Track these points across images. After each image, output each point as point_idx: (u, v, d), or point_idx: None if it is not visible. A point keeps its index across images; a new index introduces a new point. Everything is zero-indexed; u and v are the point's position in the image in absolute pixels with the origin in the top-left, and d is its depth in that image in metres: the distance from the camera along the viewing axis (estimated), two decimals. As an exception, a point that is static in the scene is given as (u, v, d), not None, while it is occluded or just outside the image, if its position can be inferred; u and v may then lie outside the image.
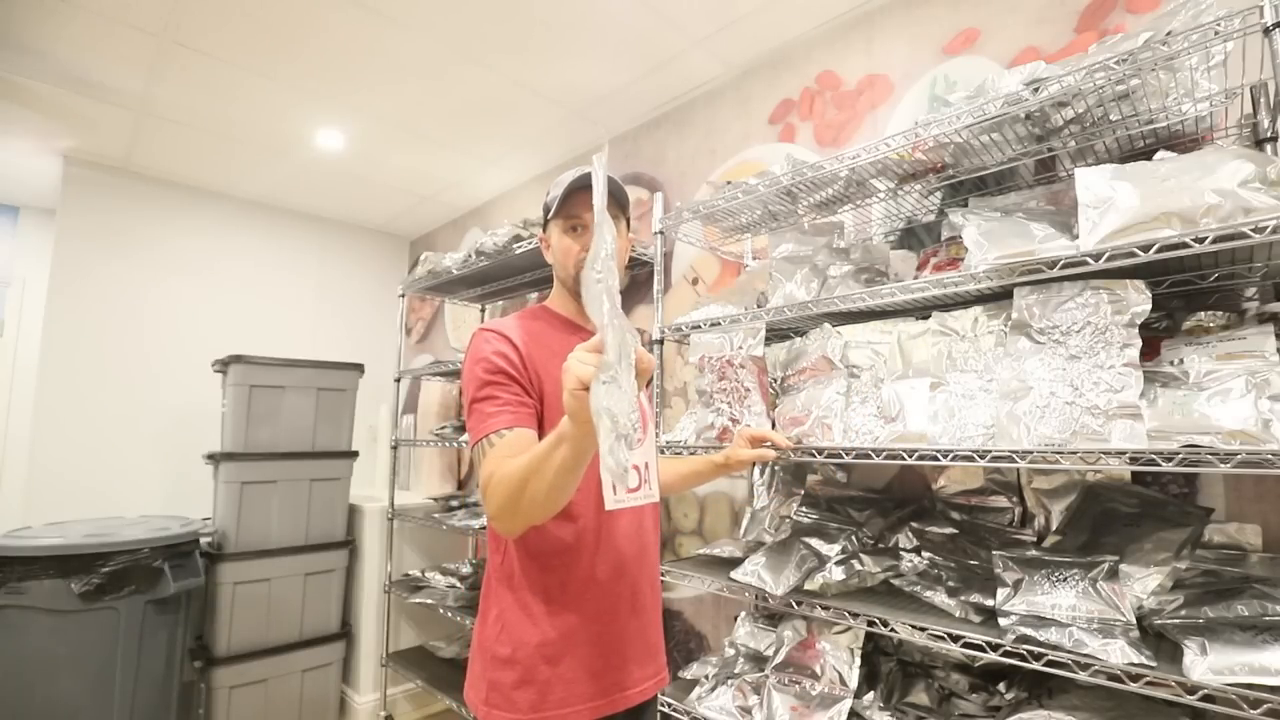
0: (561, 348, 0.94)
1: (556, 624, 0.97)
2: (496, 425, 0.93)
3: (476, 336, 1.04)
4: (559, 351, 0.93)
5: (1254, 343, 0.90)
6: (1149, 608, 0.96)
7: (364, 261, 3.68)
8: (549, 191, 1.11)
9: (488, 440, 0.92)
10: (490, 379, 0.97)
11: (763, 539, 1.51)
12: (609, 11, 1.79)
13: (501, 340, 1.01)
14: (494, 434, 0.92)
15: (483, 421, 0.94)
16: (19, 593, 1.76)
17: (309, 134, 2.53)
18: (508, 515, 0.85)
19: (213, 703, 2.24)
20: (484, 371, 0.97)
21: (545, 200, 1.13)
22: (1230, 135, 1.13)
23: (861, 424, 1.20)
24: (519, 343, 1.01)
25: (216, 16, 1.81)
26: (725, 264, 2.08)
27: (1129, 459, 0.87)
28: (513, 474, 0.82)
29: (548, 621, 0.97)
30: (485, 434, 0.92)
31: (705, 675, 1.48)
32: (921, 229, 1.55)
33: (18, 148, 2.65)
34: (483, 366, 0.98)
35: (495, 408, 0.95)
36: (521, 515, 0.84)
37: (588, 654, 0.98)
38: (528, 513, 0.84)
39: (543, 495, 0.80)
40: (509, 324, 1.06)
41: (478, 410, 0.96)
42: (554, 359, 0.97)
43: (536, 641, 0.97)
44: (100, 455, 2.70)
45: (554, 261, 1.13)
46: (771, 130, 1.99)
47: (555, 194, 1.08)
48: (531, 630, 0.97)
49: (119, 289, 2.81)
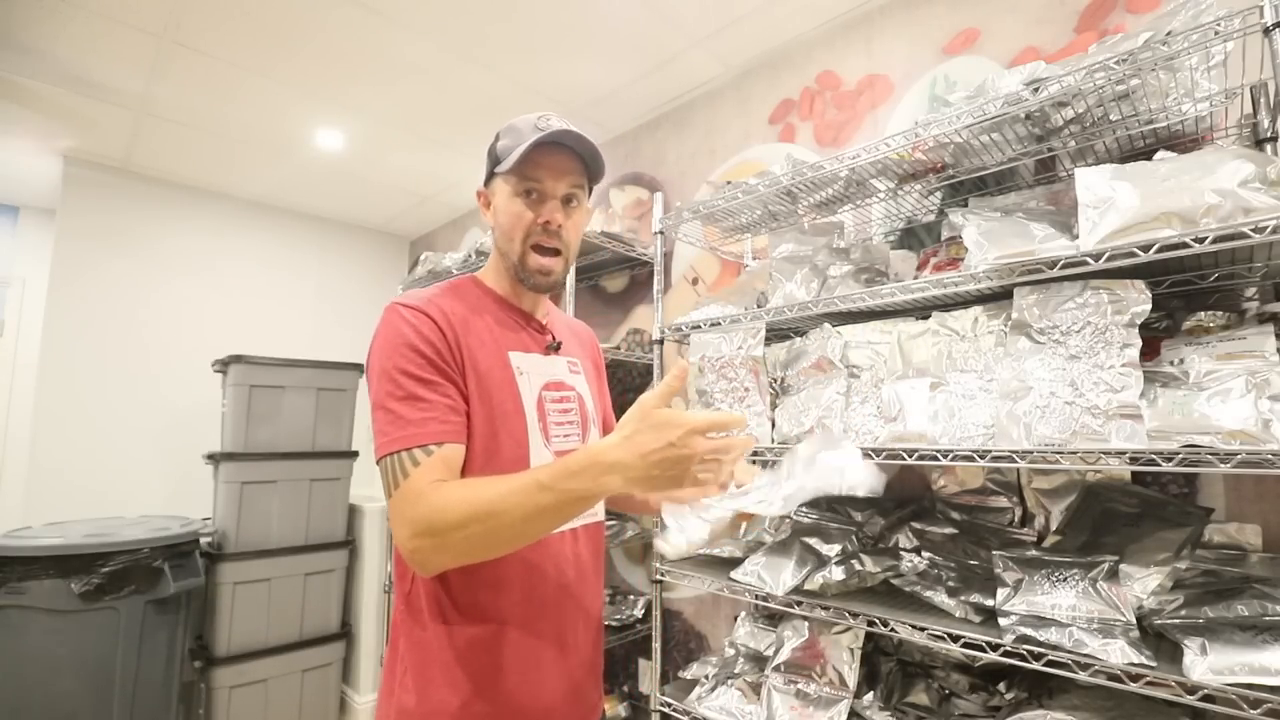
0: (492, 334, 0.87)
1: (471, 671, 0.81)
2: (424, 437, 0.75)
3: (390, 314, 0.83)
4: (488, 340, 0.86)
5: (1254, 343, 0.90)
6: (1149, 608, 0.95)
7: (364, 261, 3.68)
8: (498, 137, 0.91)
9: (410, 454, 0.74)
10: (413, 372, 0.78)
11: (763, 539, 1.51)
12: (609, 11, 1.79)
13: (424, 320, 0.81)
14: (419, 448, 0.75)
15: (402, 428, 0.75)
16: (19, 593, 1.76)
17: (309, 134, 2.53)
18: (446, 552, 0.71)
19: (213, 703, 2.24)
20: (405, 361, 0.78)
21: (493, 146, 0.91)
22: (1230, 135, 1.13)
23: (861, 424, 1.20)
24: (445, 325, 0.82)
25: (216, 16, 1.81)
26: (725, 264, 2.08)
27: (1129, 459, 0.87)
28: (475, 506, 0.69)
29: (460, 670, 0.81)
30: (408, 445, 0.75)
31: (705, 675, 1.48)
32: (921, 229, 1.55)
33: (18, 148, 2.65)
34: (402, 356, 0.78)
35: (420, 412, 0.76)
36: (465, 556, 0.73)
37: (505, 704, 0.83)
38: (476, 554, 0.73)
39: (508, 541, 0.71)
40: (432, 299, 0.85)
41: (394, 412, 0.77)
42: (483, 347, 0.85)
43: (448, 698, 0.80)
44: (100, 455, 2.70)
45: (495, 225, 0.92)
46: (771, 130, 1.99)
47: (509, 144, 0.87)
48: (441, 680, 0.81)
49: (119, 289, 2.81)
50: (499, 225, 0.91)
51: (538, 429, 0.88)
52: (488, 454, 0.82)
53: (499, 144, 0.90)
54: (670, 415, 0.65)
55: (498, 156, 0.90)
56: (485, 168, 0.94)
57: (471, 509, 0.69)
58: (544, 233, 0.89)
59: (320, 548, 2.54)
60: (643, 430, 0.65)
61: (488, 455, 0.82)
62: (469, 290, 0.92)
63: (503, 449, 0.84)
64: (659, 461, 0.64)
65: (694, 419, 0.64)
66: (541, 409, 0.89)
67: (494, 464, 0.82)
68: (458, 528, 0.69)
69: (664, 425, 0.64)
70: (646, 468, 0.64)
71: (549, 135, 0.84)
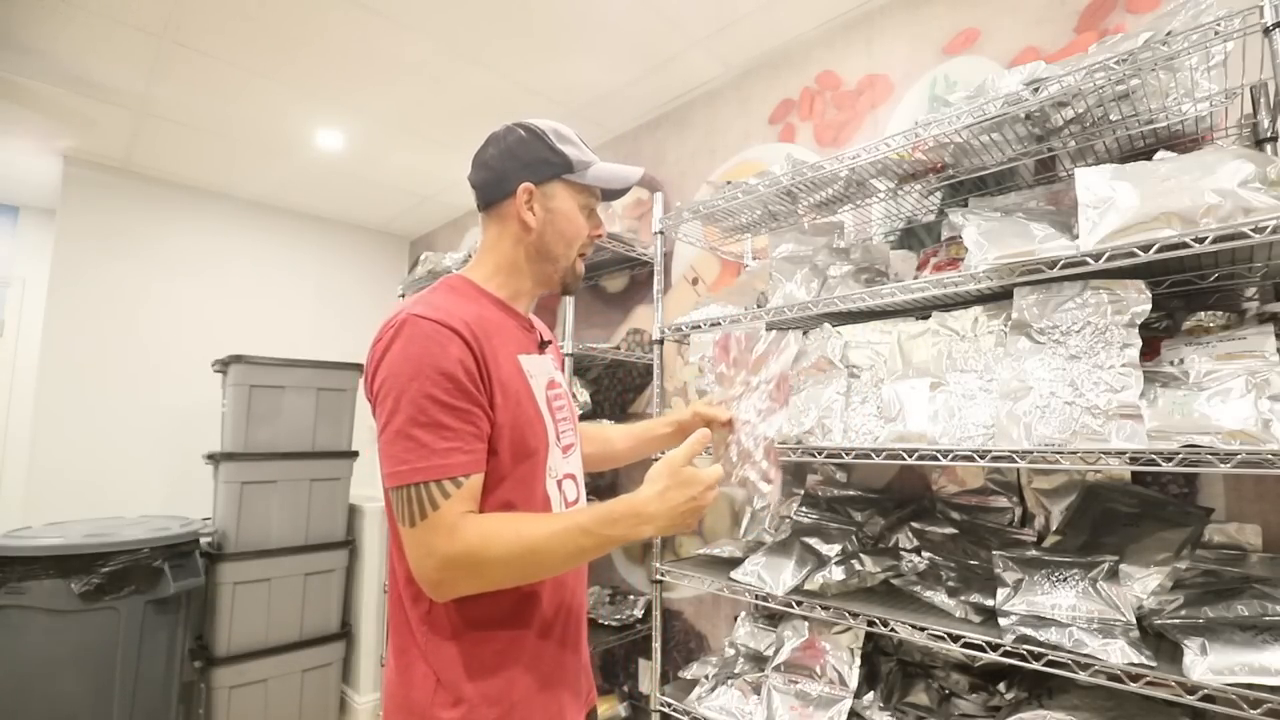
0: (503, 340, 0.87)
1: (504, 676, 0.83)
2: (453, 469, 0.75)
3: (413, 328, 0.78)
4: (501, 347, 0.86)
5: (1254, 343, 0.90)
6: (1149, 608, 0.96)
7: (364, 261, 3.68)
8: (549, 136, 0.90)
9: (439, 486, 0.74)
10: (441, 399, 0.75)
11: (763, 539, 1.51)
12: (609, 11, 1.79)
13: (454, 341, 0.78)
14: (449, 480, 0.74)
15: (427, 458, 0.74)
16: (19, 593, 1.76)
17: (309, 134, 2.53)
18: (479, 581, 0.76)
19: (213, 703, 2.24)
20: (433, 386, 0.75)
21: (553, 146, 0.89)
22: (1230, 135, 1.13)
23: (861, 424, 1.20)
24: (473, 341, 0.80)
25: (217, 17, 1.81)
26: (725, 264, 2.08)
27: (1129, 459, 0.87)
28: (521, 544, 0.74)
29: (493, 676, 0.82)
30: (436, 477, 0.74)
31: (705, 675, 1.48)
32: (921, 229, 1.55)
33: (18, 148, 2.65)
34: (430, 380, 0.75)
35: (446, 442, 0.75)
36: (494, 586, 0.78)
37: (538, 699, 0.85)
38: (505, 585, 0.79)
39: (543, 575, 0.81)
40: (452, 311, 0.81)
41: (417, 439, 0.74)
42: (501, 352, 0.85)
43: (485, 694, 0.81)
44: (100, 455, 2.69)
45: (548, 228, 0.91)
46: (771, 130, 1.99)
47: (580, 156, 0.90)
48: (478, 683, 0.81)
49: (119, 289, 2.81)
50: (559, 230, 0.91)
51: (552, 429, 0.90)
52: (517, 459, 0.83)
53: (565, 149, 0.90)
54: (693, 474, 0.81)
55: (569, 162, 0.90)
56: (532, 165, 0.89)
57: (517, 547, 0.75)
58: (589, 244, 0.97)
59: (320, 548, 2.54)
60: (673, 487, 0.79)
61: (516, 460, 0.83)
62: (471, 293, 0.90)
63: (533, 452, 0.86)
64: (685, 513, 0.79)
65: (711, 476, 0.81)
66: (551, 408, 0.92)
67: (522, 467, 0.84)
68: (501, 563, 0.75)
69: (689, 483, 0.80)
70: (674, 518, 0.79)
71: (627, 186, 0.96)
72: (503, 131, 0.92)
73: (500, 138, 0.92)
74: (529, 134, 0.90)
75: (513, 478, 0.83)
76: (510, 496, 0.83)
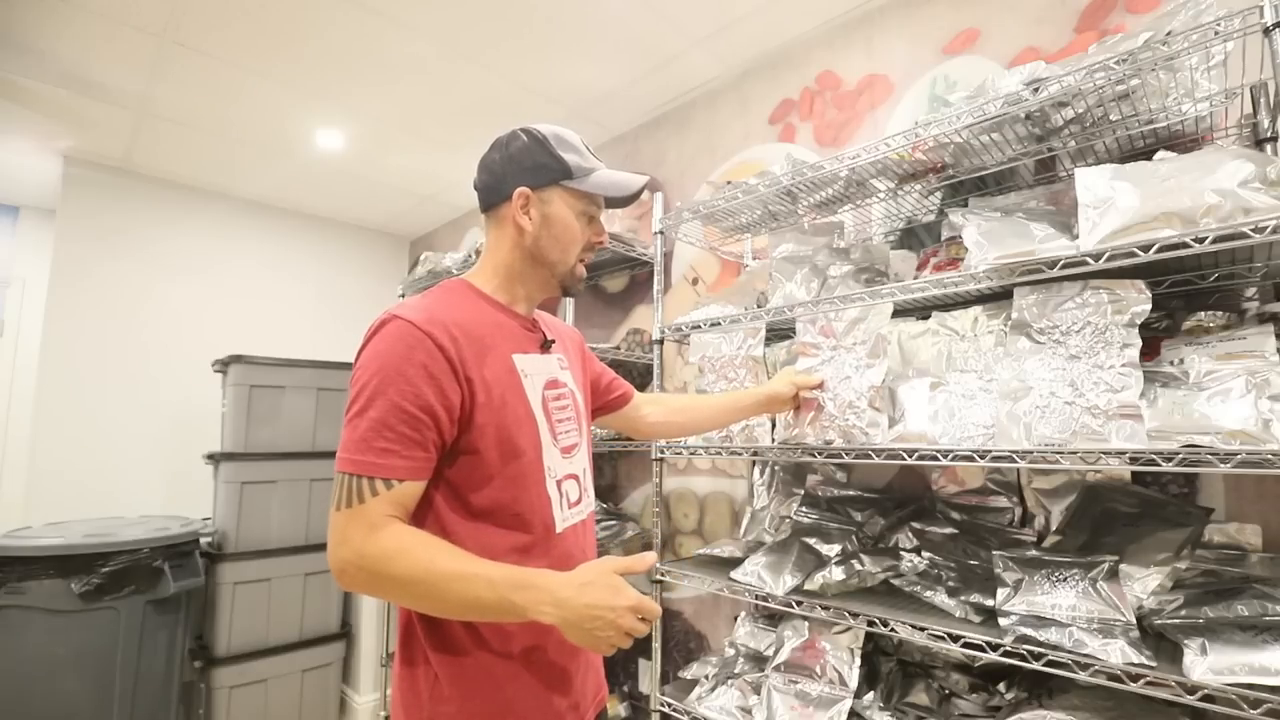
0: (496, 341, 0.87)
1: (506, 676, 0.83)
2: (385, 470, 0.75)
3: (392, 329, 0.79)
4: (493, 347, 0.86)
5: (1254, 343, 0.90)
6: (1149, 608, 0.96)
7: (364, 261, 3.68)
8: (548, 141, 0.90)
9: (370, 483, 0.75)
10: (397, 402, 0.76)
11: (763, 539, 1.51)
12: (609, 11, 1.79)
13: (426, 345, 0.78)
14: (380, 479, 0.75)
15: (363, 452, 0.75)
16: (19, 593, 1.76)
17: (309, 134, 2.53)
18: (373, 590, 0.77)
19: (213, 703, 2.24)
20: (393, 390, 0.76)
21: (551, 151, 0.90)
22: (1230, 135, 1.13)
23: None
24: (449, 344, 0.80)
25: (217, 16, 1.81)
26: (725, 264, 2.08)
27: (1129, 459, 0.87)
28: (422, 572, 0.72)
29: (502, 675, 0.83)
30: (369, 474, 0.75)
31: (705, 675, 1.48)
32: (921, 229, 1.55)
33: (18, 148, 2.65)
34: (391, 384, 0.76)
35: (388, 443, 0.75)
36: (387, 598, 0.78)
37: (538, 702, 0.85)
38: (398, 603, 0.81)
39: (433, 611, 0.78)
40: (436, 314, 0.82)
41: (361, 433, 0.76)
42: (490, 354, 0.85)
43: (486, 696, 0.82)
44: (100, 455, 2.69)
45: (545, 233, 0.91)
46: (771, 130, 1.99)
47: (579, 162, 0.91)
48: (480, 684, 0.82)
49: (119, 289, 2.81)
50: (554, 236, 0.92)
51: (546, 429, 0.90)
52: (505, 459, 0.83)
53: (566, 155, 0.90)
54: (623, 585, 0.74)
55: (568, 169, 0.90)
56: (531, 170, 0.90)
57: (420, 573, 0.72)
58: (589, 249, 0.97)
59: (320, 548, 2.53)
60: (598, 585, 0.73)
61: (505, 459, 0.83)
62: (467, 295, 0.91)
63: (521, 452, 0.85)
64: (595, 617, 0.71)
65: (638, 597, 0.73)
66: (547, 409, 0.91)
67: (513, 467, 0.84)
68: (399, 583, 0.73)
69: (616, 590, 0.73)
70: (582, 618, 0.71)
71: (633, 189, 0.94)
72: (507, 136, 0.93)
73: (504, 143, 0.93)
74: (531, 139, 0.91)
75: (502, 477, 0.83)
76: (502, 496, 0.83)
